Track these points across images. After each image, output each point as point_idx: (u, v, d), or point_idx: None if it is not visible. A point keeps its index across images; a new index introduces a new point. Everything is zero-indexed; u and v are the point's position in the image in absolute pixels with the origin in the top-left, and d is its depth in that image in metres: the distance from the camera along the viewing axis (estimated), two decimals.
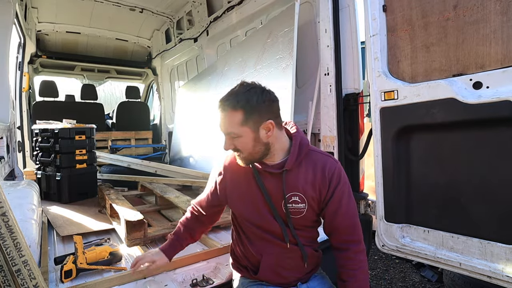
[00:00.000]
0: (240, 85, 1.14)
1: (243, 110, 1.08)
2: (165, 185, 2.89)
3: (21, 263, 1.15)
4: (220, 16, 3.53)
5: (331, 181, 1.18)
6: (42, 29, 4.29)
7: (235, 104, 1.09)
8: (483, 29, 1.37)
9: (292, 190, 1.18)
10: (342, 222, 1.19)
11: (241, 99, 1.09)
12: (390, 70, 1.74)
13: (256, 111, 1.09)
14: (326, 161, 1.20)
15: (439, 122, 1.51)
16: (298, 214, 1.20)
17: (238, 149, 1.15)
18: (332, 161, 1.22)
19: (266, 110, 1.11)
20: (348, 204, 1.20)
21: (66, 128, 2.80)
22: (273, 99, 1.14)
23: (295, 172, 1.19)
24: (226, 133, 1.14)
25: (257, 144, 1.13)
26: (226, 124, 1.12)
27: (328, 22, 2.11)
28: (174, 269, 1.58)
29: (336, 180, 1.18)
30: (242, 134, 1.11)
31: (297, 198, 1.19)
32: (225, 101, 1.12)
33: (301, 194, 1.18)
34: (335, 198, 1.18)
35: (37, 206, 1.87)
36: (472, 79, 1.40)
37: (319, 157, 1.21)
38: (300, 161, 1.19)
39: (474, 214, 1.46)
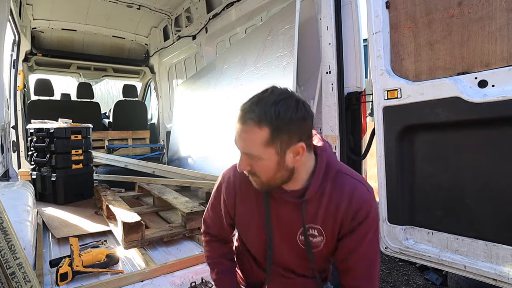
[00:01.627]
0: (271, 91, 0.90)
1: (270, 127, 0.86)
2: (163, 186, 2.89)
3: (16, 265, 1.15)
4: (219, 13, 3.52)
5: (356, 214, 0.98)
6: (37, 26, 4.28)
7: (261, 119, 0.86)
8: (489, 26, 1.37)
9: (310, 222, 1.02)
10: (357, 263, 1.01)
11: (270, 112, 0.85)
12: (393, 68, 1.74)
13: (286, 131, 0.87)
14: (355, 189, 1.00)
15: (443, 121, 1.51)
16: (314, 248, 1.05)
17: (255, 172, 0.96)
18: (363, 190, 1.00)
19: (299, 130, 0.89)
20: (370, 244, 1.01)
21: (62, 128, 2.80)
22: (308, 115, 0.91)
23: (315, 201, 1.01)
24: (243, 152, 0.93)
25: (280, 169, 0.93)
26: (245, 141, 0.91)
27: (330, 19, 2.11)
28: (172, 272, 1.58)
29: (364, 214, 0.98)
30: (264, 156, 0.90)
31: (315, 232, 1.03)
32: (248, 112, 0.88)
33: (320, 227, 1.02)
34: (357, 234, 0.99)
35: (32, 208, 1.87)
36: (477, 77, 1.40)
37: (348, 183, 1.01)
38: (324, 188, 1.00)
39: (479, 215, 1.45)
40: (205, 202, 2.81)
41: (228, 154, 2.91)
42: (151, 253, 1.84)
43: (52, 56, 4.69)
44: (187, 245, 1.97)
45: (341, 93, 2.11)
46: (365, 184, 1.02)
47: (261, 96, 0.90)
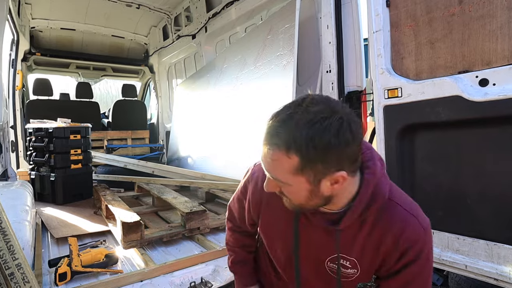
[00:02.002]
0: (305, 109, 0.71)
1: (300, 156, 0.70)
2: (162, 186, 2.89)
3: (15, 266, 1.15)
4: (219, 12, 3.52)
5: (404, 254, 0.83)
6: (36, 26, 4.28)
7: (290, 146, 0.70)
8: (490, 24, 1.37)
9: (343, 252, 0.89)
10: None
11: (301, 137, 0.68)
12: (393, 67, 1.74)
13: (320, 159, 0.71)
14: (407, 224, 0.83)
15: (444, 120, 1.51)
16: (344, 278, 0.93)
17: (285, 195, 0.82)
18: (417, 226, 0.84)
19: (339, 157, 0.72)
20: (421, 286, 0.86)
21: (61, 127, 2.80)
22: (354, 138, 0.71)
23: (353, 230, 0.86)
24: (269, 175, 0.80)
25: (313, 197, 0.78)
26: (270, 166, 0.76)
27: (330, 18, 2.11)
28: (172, 271, 1.58)
29: (413, 255, 0.83)
30: (292, 183, 0.76)
31: (347, 263, 0.89)
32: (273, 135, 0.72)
33: (354, 259, 0.88)
34: (403, 277, 0.85)
35: (30, 208, 1.87)
36: (478, 76, 1.40)
37: (399, 217, 0.84)
38: (366, 217, 0.84)
39: (480, 215, 1.45)
40: (204, 202, 2.81)
41: (228, 154, 2.91)
42: (151, 253, 1.84)
43: (51, 56, 4.69)
44: (186, 245, 1.97)
45: (342, 92, 2.12)
46: (419, 218, 0.86)
47: (293, 113, 0.71)
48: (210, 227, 2.11)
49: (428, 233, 0.86)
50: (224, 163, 2.96)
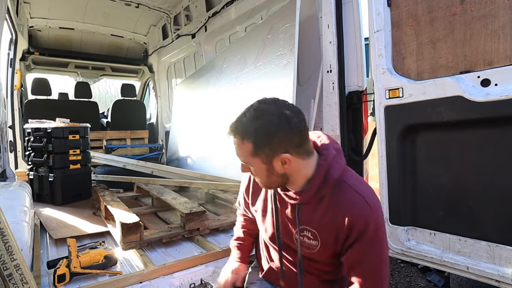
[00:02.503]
0: (253, 109, 0.98)
1: (251, 142, 0.96)
2: (162, 186, 2.88)
3: (13, 267, 1.15)
4: (218, 11, 3.52)
5: (351, 230, 0.98)
6: (35, 25, 4.28)
7: (243, 135, 0.97)
8: (491, 24, 1.37)
9: (305, 224, 1.08)
10: (360, 282, 0.99)
11: (250, 129, 0.96)
12: (395, 67, 1.74)
13: (266, 145, 0.95)
14: (354, 202, 0.99)
15: (445, 121, 1.51)
16: (311, 249, 1.09)
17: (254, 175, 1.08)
18: (363, 203, 0.98)
19: (281, 142, 0.95)
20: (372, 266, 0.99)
21: (60, 127, 2.80)
22: (294, 126, 0.95)
23: (313, 206, 1.05)
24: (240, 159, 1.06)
25: (271, 175, 1.02)
26: (237, 151, 1.04)
27: (331, 17, 2.11)
28: (171, 273, 1.58)
29: (359, 230, 0.97)
30: (253, 164, 1.01)
31: (309, 234, 1.07)
32: (233, 129, 1.01)
33: (314, 231, 1.06)
34: (355, 251, 0.99)
35: (29, 208, 1.87)
36: (480, 76, 1.40)
37: (348, 196, 1.00)
38: (322, 196, 1.03)
39: (482, 216, 1.45)
40: (204, 202, 2.81)
41: (228, 154, 2.91)
42: (150, 254, 1.84)
43: (49, 55, 4.69)
44: (186, 246, 1.97)
45: (342, 92, 2.12)
46: (367, 198, 0.99)
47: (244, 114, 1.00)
48: (210, 228, 2.11)
49: (374, 211, 0.99)
50: (224, 164, 2.96)
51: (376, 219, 0.99)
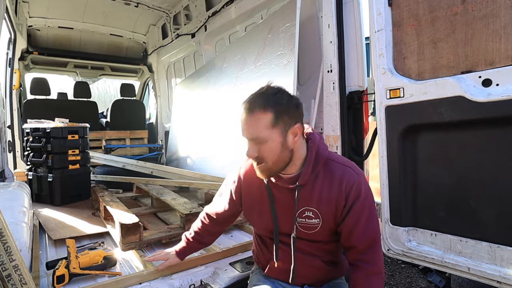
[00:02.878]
0: (267, 87, 1.12)
1: (273, 110, 1.06)
2: (161, 187, 2.88)
3: (12, 267, 1.15)
4: (218, 11, 3.52)
5: (348, 196, 1.14)
6: (34, 24, 4.28)
7: (265, 104, 1.06)
8: (493, 24, 1.37)
9: (305, 205, 1.18)
10: (359, 240, 1.15)
11: (271, 99, 1.08)
12: (395, 67, 1.74)
13: (286, 113, 1.08)
14: (344, 173, 1.16)
15: (446, 121, 1.51)
16: (312, 229, 1.20)
17: (262, 157, 1.12)
18: (352, 173, 1.16)
19: (295, 114, 1.11)
20: (367, 222, 1.15)
21: (59, 127, 2.80)
22: (299, 103, 1.15)
23: (310, 186, 1.17)
24: (251, 138, 1.10)
25: (284, 150, 1.11)
26: (253, 127, 1.09)
27: (331, 17, 2.11)
28: (171, 274, 1.58)
29: (355, 195, 1.14)
30: (269, 138, 1.08)
31: (310, 214, 1.18)
32: (252, 102, 1.08)
33: (315, 209, 1.17)
34: (353, 214, 1.14)
35: (28, 209, 1.87)
36: (481, 76, 1.40)
37: (338, 168, 1.17)
38: (316, 174, 1.17)
39: (483, 217, 1.45)
40: (204, 203, 2.81)
41: (228, 155, 2.91)
42: (149, 255, 1.84)
43: (48, 55, 4.68)
44: None
45: (343, 92, 2.12)
46: (354, 168, 1.18)
47: (261, 90, 1.12)
48: None
49: (362, 177, 1.17)
50: (224, 164, 2.96)
51: (365, 183, 1.18)
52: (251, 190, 1.31)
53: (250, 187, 1.32)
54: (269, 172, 1.16)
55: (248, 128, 1.10)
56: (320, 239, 1.22)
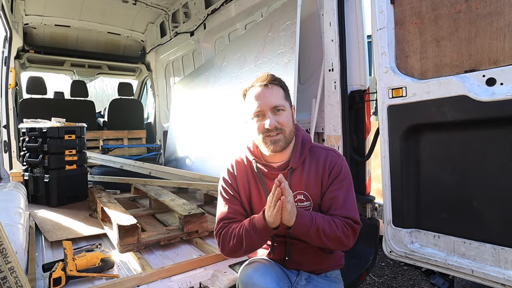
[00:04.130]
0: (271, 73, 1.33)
1: (283, 87, 1.31)
2: (159, 188, 2.89)
3: (7, 270, 1.15)
4: (218, 9, 3.52)
5: (331, 172, 1.29)
6: (30, 22, 4.28)
7: (279, 81, 1.30)
8: (497, 22, 1.37)
9: (296, 189, 1.30)
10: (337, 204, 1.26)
11: (278, 80, 1.31)
12: (398, 66, 1.74)
13: (288, 93, 1.33)
14: (328, 154, 1.33)
15: (450, 121, 1.51)
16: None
17: (282, 125, 1.25)
18: (334, 154, 1.34)
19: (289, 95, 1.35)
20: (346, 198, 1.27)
21: (55, 127, 2.81)
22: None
23: (299, 171, 1.31)
24: (273, 106, 1.25)
25: (293, 122, 1.31)
26: (274, 96, 1.26)
27: (333, 15, 2.11)
28: (169, 276, 1.58)
29: (336, 171, 1.29)
30: (286, 107, 1.27)
31: (301, 197, 1.30)
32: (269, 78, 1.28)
33: (305, 192, 1.30)
34: (332, 188, 1.28)
35: (24, 210, 1.87)
36: (485, 75, 1.40)
37: (322, 153, 1.34)
38: (303, 159, 1.32)
39: (487, 218, 1.45)
40: (203, 204, 2.81)
41: (227, 155, 2.91)
42: (148, 257, 1.84)
43: (45, 53, 4.68)
44: (184, 249, 1.97)
45: (344, 91, 2.11)
46: (336, 152, 1.36)
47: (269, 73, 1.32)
48: (209, 230, 2.11)
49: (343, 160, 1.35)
50: (223, 164, 2.96)
51: (346, 166, 1.33)
52: (246, 183, 1.38)
53: (244, 180, 1.38)
54: (285, 141, 1.27)
55: (269, 97, 1.25)
56: None
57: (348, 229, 1.22)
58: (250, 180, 1.37)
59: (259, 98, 1.26)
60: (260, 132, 1.27)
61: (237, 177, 1.39)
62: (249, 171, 1.37)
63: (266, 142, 1.26)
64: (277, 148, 1.26)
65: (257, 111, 1.26)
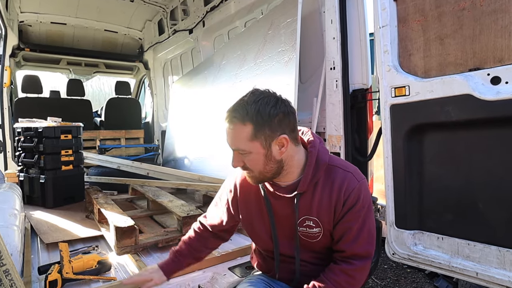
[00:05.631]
0: (251, 93, 1.08)
1: (252, 123, 1.03)
2: (157, 188, 2.89)
3: (2, 272, 1.15)
4: (217, 6, 3.52)
5: (346, 201, 1.12)
6: (25, 20, 4.28)
7: (244, 116, 1.04)
8: (502, 19, 1.37)
9: (305, 214, 1.16)
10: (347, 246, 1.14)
11: (251, 110, 1.03)
12: (401, 64, 1.74)
13: (267, 125, 1.04)
14: (345, 179, 1.13)
15: (454, 120, 1.51)
16: (313, 238, 1.19)
17: (247, 167, 1.11)
18: (353, 178, 1.14)
19: (280, 124, 1.06)
20: (361, 231, 1.13)
21: (51, 127, 2.80)
22: (289, 110, 1.09)
23: (309, 194, 1.15)
24: (234, 148, 1.10)
25: (268, 162, 1.08)
26: (234, 138, 1.08)
27: (334, 12, 2.11)
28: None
29: (353, 200, 1.12)
30: (251, 150, 1.06)
31: (311, 223, 1.16)
32: (232, 112, 1.06)
33: (315, 218, 1.15)
34: (346, 219, 1.13)
35: (19, 211, 1.87)
36: (490, 73, 1.40)
37: (339, 175, 1.14)
38: (316, 181, 1.14)
39: (492, 219, 1.45)
40: (202, 205, 2.81)
41: (227, 155, 2.91)
42: (145, 260, 1.84)
43: (40, 51, 4.68)
44: None
45: (346, 90, 2.11)
46: (355, 174, 1.16)
47: (243, 98, 1.08)
48: None
49: (363, 184, 1.15)
50: (223, 164, 2.96)
51: (365, 191, 1.15)
52: (248, 201, 1.28)
53: (247, 198, 1.28)
54: (256, 180, 1.15)
55: (229, 139, 1.09)
56: (318, 249, 1.22)
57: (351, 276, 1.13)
58: (253, 199, 1.26)
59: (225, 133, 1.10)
60: None
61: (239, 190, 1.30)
62: (253, 190, 1.25)
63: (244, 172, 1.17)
64: (253, 182, 1.16)
65: None
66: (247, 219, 1.30)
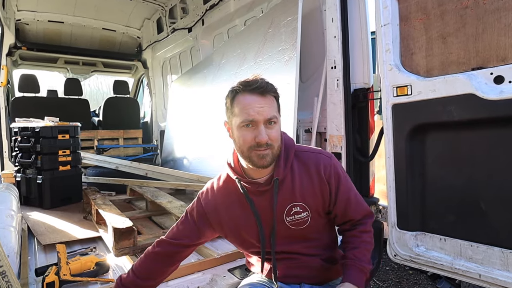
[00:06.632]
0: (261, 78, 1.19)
1: (276, 97, 1.18)
2: (156, 189, 2.89)
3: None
4: (216, 4, 3.52)
5: (329, 182, 1.21)
6: (22, 18, 4.28)
7: (275, 90, 1.17)
8: (505, 18, 1.37)
9: (291, 201, 1.20)
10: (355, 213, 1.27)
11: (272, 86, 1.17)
12: (403, 63, 1.74)
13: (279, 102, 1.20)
14: (318, 159, 1.23)
15: (456, 120, 1.51)
16: (303, 224, 1.21)
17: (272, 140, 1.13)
18: (324, 157, 1.24)
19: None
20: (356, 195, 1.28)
21: (48, 127, 2.81)
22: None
23: (289, 181, 1.20)
24: (267, 118, 1.11)
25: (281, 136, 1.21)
26: (270, 108, 1.13)
27: (335, 11, 2.11)
28: (166, 281, 1.58)
29: (335, 175, 1.22)
30: (278, 119, 1.17)
31: (298, 208, 1.20)
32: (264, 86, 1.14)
33: (301, 203, 1.20)
34: (341, 197, 1.23)
35: (16, 212, 1.87)
36: (493, 73, 1.40)
37: (311, 158, 1.24)
38: (291, 167, 1.21)
39: (495, 220, 1.45)
40: None
41: (226, 155, 2.91)
42: None
43: (37, 50, 4.69)
44: None
45: (347, 89, 2.11)
46: (324, 153, 1.27)
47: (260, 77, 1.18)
48: None
49: (333, 157, 1.27)
50: (222, 165, 2.96)
51: (336, 162, 1.27)
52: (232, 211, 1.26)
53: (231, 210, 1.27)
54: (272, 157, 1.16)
55: (265, 109, 1.12)
56: (313, 235, 1.26)
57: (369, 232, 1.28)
58: (234, 202, 1.25)
59: (252, 107, 1.10)
60: (247, 144, 1.13)
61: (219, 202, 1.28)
62: (232, 192, 1.25)
63: (252, 156, 1.13)
64: (264, 163, 1.14)
65: (249, 120, 1.11)
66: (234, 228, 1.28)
